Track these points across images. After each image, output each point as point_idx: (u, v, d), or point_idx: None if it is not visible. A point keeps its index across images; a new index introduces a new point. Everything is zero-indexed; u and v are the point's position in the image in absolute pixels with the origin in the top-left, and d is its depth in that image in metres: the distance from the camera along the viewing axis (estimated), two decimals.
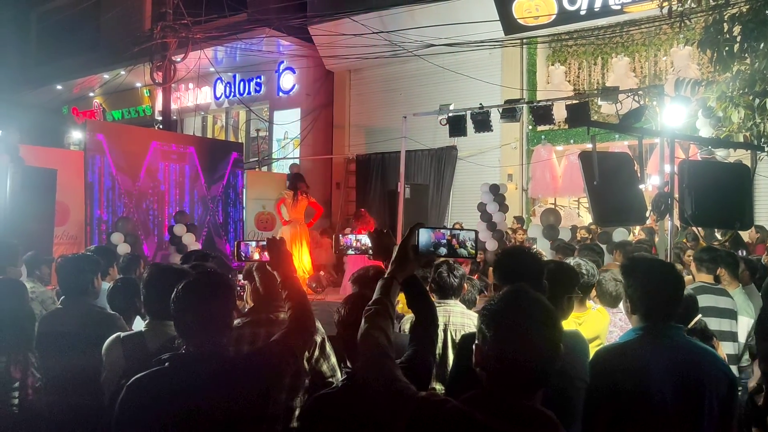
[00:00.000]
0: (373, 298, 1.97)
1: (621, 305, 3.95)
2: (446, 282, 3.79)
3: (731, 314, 4.64)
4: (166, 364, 2.04)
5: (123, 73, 17.03)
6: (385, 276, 2.02)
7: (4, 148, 8.76)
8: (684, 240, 7.50)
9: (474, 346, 1.62)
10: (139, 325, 3.28)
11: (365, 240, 2.48)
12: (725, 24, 6.51)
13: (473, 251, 2.03)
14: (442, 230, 2.04)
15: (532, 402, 1.56)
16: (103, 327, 3.22)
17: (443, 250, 2.03)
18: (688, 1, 6.89)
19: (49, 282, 5.59)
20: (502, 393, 1.54)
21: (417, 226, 2.05)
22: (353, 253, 2.70)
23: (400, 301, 3.97)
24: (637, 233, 9.75)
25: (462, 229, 2.08)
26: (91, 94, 20.51)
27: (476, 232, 2.09)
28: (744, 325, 4.74)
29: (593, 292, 3.90)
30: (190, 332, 2.10)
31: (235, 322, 2.63)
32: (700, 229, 7.02)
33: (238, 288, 3.98)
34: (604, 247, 7.49)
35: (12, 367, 2.82)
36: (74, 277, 3.49)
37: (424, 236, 2.03)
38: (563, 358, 1.59)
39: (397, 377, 1.74)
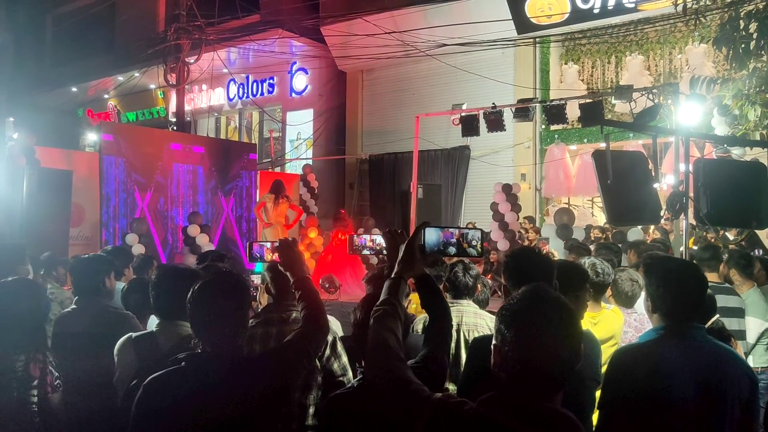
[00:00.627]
0: (381, 299, 1.96)
1: (637, 305, 3.92)
2: (461, 281, 3.78)
3: (740, 313, 4.63)
4: (183, 363, 2.06)
5: (137, 75, 17.17)
6: (392, 276, 2.01)
7: (21, 150, 8.86)
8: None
9: (492, 347, 1.59)
10: (153, 324, 3.30)
11: (379, 240, 2.48)
12: (741, 21, 6.46)
13: (480, 250, 2.03)
14: (450, 229, 2.03)
15: (553, 403, 1.53)
16: (116, 327, 3.26)
17: (453, 250, 2.02)
18: None
19: (66, 282, 5.65)
20: (522, 394, 1.52)
21: (423, 226, 2.03)
22: (368, 253, 2.70)
23: (413, 301, 3.98)
24: (651, 232, 9.67)
25: (470, 228, 2.07)
26: (106, 96, 20.71)
27: (482, 231, 2.08)
28: (755, 325, 4.70)
29: (608, 292, 3.87)
30: (206, 332, 2.12)
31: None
32: (718, 228, 6.95)
33: (252, 288, 4.00)
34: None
35: (31, 365, 2.85)
36: (87, 277, 3.54)
37: (433, 236, 2.02)
38: (582, 358, 1.57)
39: (409, 379, 1.72)
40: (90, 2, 20.11)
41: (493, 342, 1.59)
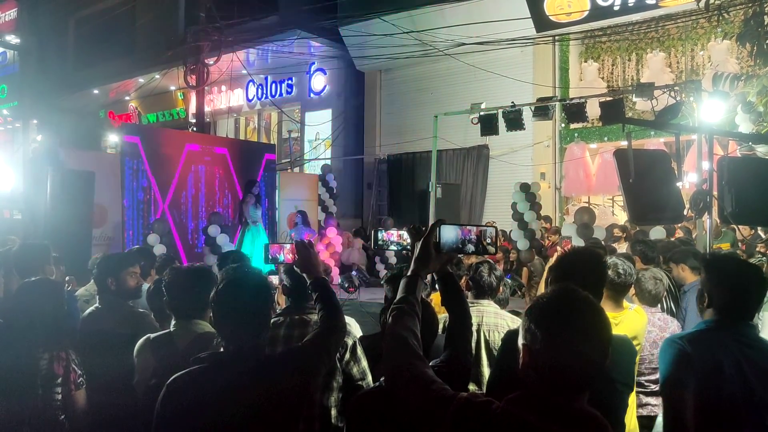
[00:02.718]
0: (398, 297, 1.95)
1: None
2: (485, 281, 3.75)
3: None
4: (206, 363, 2.08)
5: (157, 76, 17.34)
6: (409, 274, 2.01)
7: (45, 152, 8.98)
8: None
9: (521, 346, 1.58)
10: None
11: (407, 236, 2.49)
12: (766, 16, 6.35)
13: (496, 248, 2.05)
14: (468, 227, 2.03)
15: (580, 403, 1.53)
16: (134, 325, 3.31)
17: (471, 248, 2.02)
18: None
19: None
20: (551, 394, 1.51)
21: (438, 223, 2.03)
22: (395, 249, 2.71)
23: (433, 300, 3.97)
24: (676, 232, 9.55)
25: (487, 225, 2.07)
26: (127, 98, 20.95)
27: (497, 229, 2.08)
28: None
29: (631, 291, 3.82)
30: (230, 331, 2.14)
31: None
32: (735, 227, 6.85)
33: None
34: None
35: (55, 364, 2.89)
36: (98, 275, 3.61)
37: (451, 233, 2.02)
38: (610, 359, 1.56)
39: (432, 378, 1.71)
40: (111, 5, 20.36)
41: (522, 341, 1.58)
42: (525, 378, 1.55)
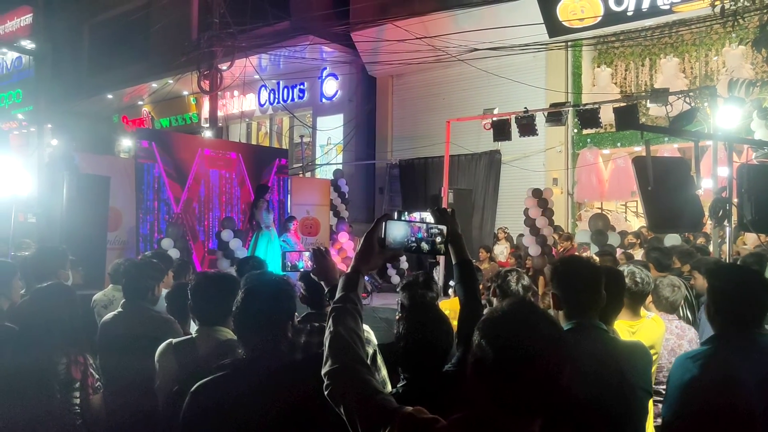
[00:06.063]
0: (338, 295, 1.83)
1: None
2: (512, 290, 3.75)
3: None
4: (228, 370, 2.08)
5: (171, 81, 17.45)
6: (349, 270, 1.89)
7: (60, 156, 9.06)
8: None
9: (471, 363, 1.44)
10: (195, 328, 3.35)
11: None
12: None
13: (444, 247, 1.96)
14: (418, 225, 1.93)
15: (532, 427, 1.40)
16: (160, 331, 3.32)
17: (426, 247, 1.92)
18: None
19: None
20: (500, 415, 1.39)
21: (383, 218, 1.92)
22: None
23: (448, 308, 3.95)
24: (693, 238, 9.46)
25: (436, 225, 1.96)
26: (140, 103, 21.08)
27: (443, 230, 1.96)
28: None
29: (648, 299, 3.79)
30: (249, 338, 2.14)
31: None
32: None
33: None
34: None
35: (72, 368, 2.91)
36: (139, 281, 3.63)
37: (399, 230, 1.90)
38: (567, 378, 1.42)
39: (375, 389, 1.62)
40: (126, 11, 20.54)
41: (472, 358, 1.45)
42: (473, 397, 1.43)
